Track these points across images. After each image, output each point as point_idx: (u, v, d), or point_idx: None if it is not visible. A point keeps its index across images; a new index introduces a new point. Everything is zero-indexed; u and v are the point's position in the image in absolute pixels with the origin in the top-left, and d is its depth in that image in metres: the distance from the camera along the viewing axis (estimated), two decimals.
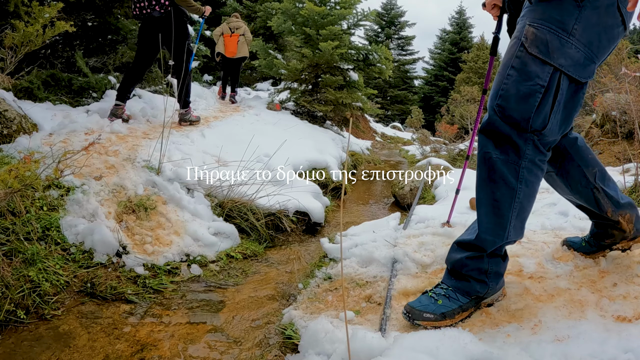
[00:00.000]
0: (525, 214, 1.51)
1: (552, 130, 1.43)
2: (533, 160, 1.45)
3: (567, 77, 1.39)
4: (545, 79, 1.37)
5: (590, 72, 1.42)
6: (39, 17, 3.28)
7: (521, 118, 1.40)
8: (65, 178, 2.58)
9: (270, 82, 12.63)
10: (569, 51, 1.37)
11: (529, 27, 1.41)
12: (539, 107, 1.39)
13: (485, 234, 1.51)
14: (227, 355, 1.64)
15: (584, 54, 1.38)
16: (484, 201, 1.51)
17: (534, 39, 1.39)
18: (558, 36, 1.37)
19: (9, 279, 1.80)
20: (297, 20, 7.15)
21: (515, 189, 1.45)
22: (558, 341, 1.33)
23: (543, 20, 1.39)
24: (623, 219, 1.74)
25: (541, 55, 1.37)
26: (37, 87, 4.28)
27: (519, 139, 1.43)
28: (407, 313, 1.51)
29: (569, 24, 1.36)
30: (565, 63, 1.37)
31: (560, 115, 1.44)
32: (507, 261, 1.62)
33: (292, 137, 5.00)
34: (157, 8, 4.18)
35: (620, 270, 1.75)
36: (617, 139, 4.81)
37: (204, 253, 2.57)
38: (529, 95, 1.38)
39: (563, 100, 1.42)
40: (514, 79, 1.41)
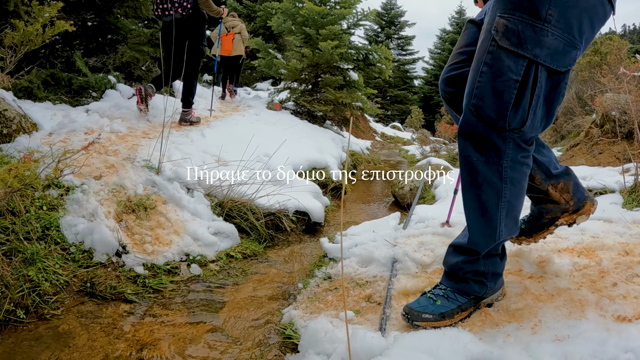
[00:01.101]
0: (515, 211, 1.47)
1: (532, 127, 1.36)
2: (515, 158, 1.39)
3: (544, 68, 1.30)
4: (519, 73, 1.29)
5: (571, 59, 1.32)
6: (38, 16, 3.27)
7: (498, 117, 1.32)
8: (65, 177, 2.57)
9: (270, 81, 12.63)
10: (544, 40, 1.27)
11: (499, 18, 1.32)
12: (516, 104, 1.31)
13: (476, 237, 1.48)
14: (227, 355, 1.63)
15: (563, 41, 1.29)
16: (471, 205, 1.47)
17: (505, 31, 1.29)
18: (531, 25, 1.27)
19: (9, 279, 1.80)
20: (297, 20, 7.15)
21: (500, 189, 1.40)
22: (558, 341, 1.33)
23: (513, 9, 1.29)
24: (554, 188, 1.68)
25: (513, 47, 1.28)
26: (37, 86, 4.28)
27: (498, 139, 1.36)
28: (406, 314, 1.51)
29: (542, 9, 1.26)
30: (541, 53, 1.28)
31: (541, 110, 1.36)
32: (505, 259, 1.59)
33: (292, 137, 5.00)
34: (180, 10, 4.34)
35: (620, 270, 1.75)
36: (617, 138, 4.81)
37: (204, 253, 2.56)
38: (503, 92, 1.30)
39: (543, 93, 1.33)
40: (487, 75, 1.32)
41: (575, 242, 2.11)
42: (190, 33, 4.45)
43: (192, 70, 4.63)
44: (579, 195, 1.72)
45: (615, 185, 2.83)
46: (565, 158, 5.66)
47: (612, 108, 4.80)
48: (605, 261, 1.83)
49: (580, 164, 4.83)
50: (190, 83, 4.72)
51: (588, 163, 4.81)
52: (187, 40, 4.43)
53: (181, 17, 4.36)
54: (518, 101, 1.31)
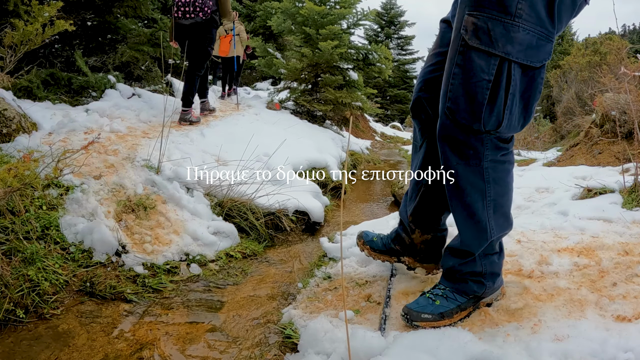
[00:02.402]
0: (503, 208, 1.45)
1: (510, 126, 1.33)
2: (495, 158, 1.37)
3: (518, 65, 1.26)
4: (492, 73, 1.25)
5: (546, 52, 1.28)
6: (38, 16, 3.27)
7: (472, 120, 1.29)
8: (65, 177, 2.57)
9: (269, 81, 12.63)
10: (516, 36, 1.22)
11: (467, 16, 1.27)
12: (490, 105, 1.27)
13: (468, 239, 1.49)
14: (227, 354, 1.63)
15: (536, 35, 1.24)
16: (457, 208, 1.46)
17: (474, 30, 1.25)
18: (500, 21, 1.22)
19: (8, 278, 1.80)
20: (297, 20, 7.14)
21: (484, 190, 1.39)
22: (558, 340, 1.33)
23: (482, 5, 1.24)
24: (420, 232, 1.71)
25: (484, 46, 1.24)
26: (37, 86, 4.28)
27: (476, 142, 1.33)
28: (405, 315, 1.51)
29: (511, 4, 1.21)
30: (512, 50, 1.23)
31: (518, 108, 1.32)
32: (502, 258, 1.58)
33: (291, 137, 5.00)
34: (201, 15, 4.54)
35: (620, 269, 1.75)
36: (617, 138, 4.81)
37: (204, 252, 2.56)
38: (476, 93, 1.26)
39: (518, 91, 1.29)
40: (460, 77, 1.29)
41: (575, 241, 2.11)
42: (205, 36, 4.68)
43: (196, 69, 4.78)
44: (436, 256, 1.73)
45: (615, 185, 2.83)
46: (565, 158, 5.66)
47: (612, 108, 4.81)
48: (605, 261, 1.84)
49: (580, 163, 4.83)
50: (192, 82, 4.81)
51: (588, 163, 4.81)
52: (201, 41, 4.67)
53: (201, 21, 4.57)
54: (492, 102, 1.27)
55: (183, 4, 4.52)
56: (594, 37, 20.21)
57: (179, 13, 4.55)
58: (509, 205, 1.47)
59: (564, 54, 22.20)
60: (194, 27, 4.61)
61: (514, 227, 2.41)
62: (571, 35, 25.27)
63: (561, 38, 24.86)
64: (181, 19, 4.58)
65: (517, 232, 2.36)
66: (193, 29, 4.63)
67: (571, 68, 14.98)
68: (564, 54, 21.55)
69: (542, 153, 8.82)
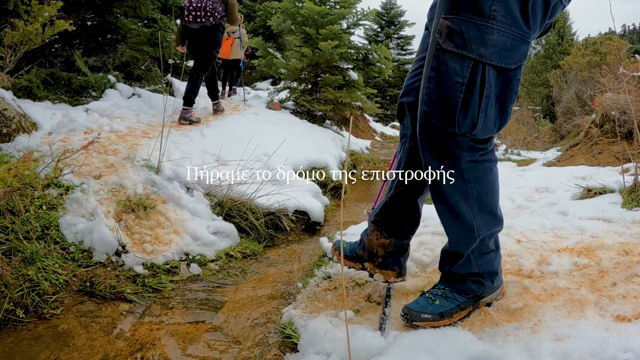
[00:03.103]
0: (488, 206, 1.44)
1: (485, 129, 1.31)
2: (473, 159, 1.37)
3: (492, 67, 1.25)
4: (465, 75, 1.24)
5: (521, 54, 1.27)
6: (38, 15, 3.27)
7: (447, 123, 1.29)
8: (65, 177, 2.57)
9: (269, 81, 12.63)
10: (490, 37, 1.21)
11: (442, 20, 1.27)
12: (464, 108, 1.27)
13: (456, 239, 1.49)
14: (227, 354, 1.63)
15: (511, 36, 1.23)
16: (442, 210, 1.47)
17: (448, 33, 1.25)
18: (474, 23, 1.21)
19: (8, 278, 1.80)
20: (297, 20, 7.14)
21: (465, 190, 1.39)
22: (558, 340, 1.33)
23: (456, 8, 1.24)
24: (377, 235, 1.69)
25: (457, 49, 1.23)
26: (37, 86, 4.28)
27: (452, 145, 1.33)
28: (405, 315, 1.51)
29: (485, 6, 1.20)
30: (486, 52, 1.22)
31: (493, 110, 1.31)
32: (499, 255, 1.57)
33: (291, 137, 5.00)
34: (211, 19, 4.78)
35: (620, 269, 1.75)
36: (617, 138, 4.81)
37: (204, 252, 2.56)
38: (450, 96, 1.26)
39: (493, 93, 1.28)
40: (435, 81, 1.29)
41: (574, 241, 2.11)
42: (212, 40, 4.92)
43: (200, 70, 5.01)
44: (394, 262, 1.71)
45: (615, 185, 2.83)
46: (565, 158, 5.66)
47: (612, 108, 4.81)
48: (605, 261, 1.84)
49: (580, 163, 4.84)
50: (195, 82, 5.00)
51: (588, 163, 4.81)
52: (208, 45, 4.93)
53: (210, 25, 4.80)
54: (467, 104, 1.27)
55: (194, 8, 4.71)
56: (593, 37, 20.20)
57: (189, 17, 4.73)
58: (494, 203, 1.47)
59: (564, 54, 22.20)
60: (203, 30, 4.82)
61: (514, 227, 2.41)
62: (571, 35, 25.25)
63: (561, 38, 24.86)
64: (191, 23, 4.76)
65: (517, 232, 2.36)
66: (202, 32, 4.83)
67: (571, 68, 14.98)
68: (564, 54, 21.56)
69: (542, 153, 8.82)
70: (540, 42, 26.06)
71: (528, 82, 25.03)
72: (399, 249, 1.71)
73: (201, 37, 4.88)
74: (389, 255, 1.70)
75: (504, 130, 12.19)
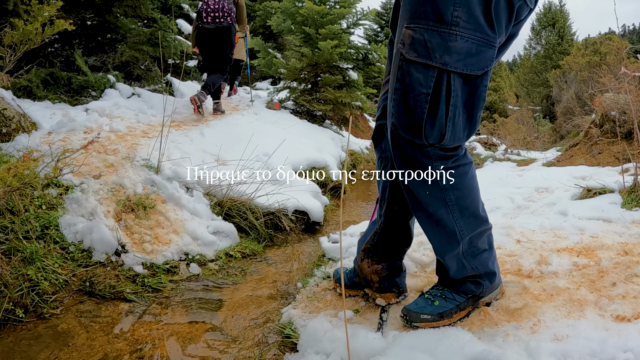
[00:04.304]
0: (469, 210, 1.42)
1: (454, 138, 1.29)
2: (446, 166, 1.35)
3: (458, 75, 1.22)
4: (430, 85, 1.22)
5: (488, 59, 1.23)
6: (38, 15, 3.26)
7: (415, 135, 1.28)
8: (64, 177, 2.57)
9: (269, 81, 12.63)
10: (454, 45, 1.18)
11: (405, 30, 1.24)
12: (431, 118, 1.25)
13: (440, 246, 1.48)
14: (226, 354, 1.63)
15: (476, 42, 1.20)
16: (422, 219, 1.46)
17: (411, 43, 1.22)
18: (437, 31, 1.19)
19: (8, 278, 1.80)
20: (297, 19, 7.14)
21: (443, 198, 1.38)
22: (557, 340, 1.33)
23: (418, 17, 1.21)
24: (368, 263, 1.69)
25: (421, 58, 1.21)
26: (36, 85, 4.28)
27: (422, 156, 1.32)
28: (404, 316, 1.51)
29: (447, 13, 1.17)
30: (450, 60, 1.19)
31: (461, 119, 1.28)
32: (493, 254, 1.56)
33: (291, 136, 5.00)
34: (229, 19, 5.19)
35: (620, 269, 1.75)
36: (617, 138, 4.82)
37: (203, 252, 2.56)
38: (415, 108, 1.24)
39: (460, 101, 1.26)
40: (400, 92, 1.27)
41: (574, 241, 2.11)
42: (228, 40, 5.31)
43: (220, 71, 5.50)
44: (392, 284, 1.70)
45: (615, 185, 2.83)
46: (565, 158, 5.66)
47: (612, 108, 4.81)
48: (605, 261, 1.84)
49: (579, 163, 4.84)
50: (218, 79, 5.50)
51: (587, 163, 4.82)
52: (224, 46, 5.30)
53: (227, 25, 5.19)
54: (433, 115, 1.25)
55: (213, 9, 5.07)
56: (593, 37, 20.21)
57: (208, 18, 5.08)
58: (475, 205, 1.45)
59: (563, 54, 22.20)
60: (220, 31, 5.18)
61: (514, 227, 2.42)
62: (571, 36, 25.25)
63: (561, 38, 24.86)
64: (209, 24, 5.11)
65: (516, 232, 2.36)
66: (218, 33, 5.19)
67: (571, 68, 14.98)
68: (564, 54, 21.56)
69: (541, 153, 8.82)
70: (540, 42, 26.06)
71: (528, 82, 25.03)
72: (392, 272, 1.70)
73: (217, 37, 5.19)
74: (384, 279, 1.69)
75: (504, 130, 12.19)
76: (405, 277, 1.77)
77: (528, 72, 25.34)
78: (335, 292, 1.92)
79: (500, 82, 23.41)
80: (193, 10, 8.84)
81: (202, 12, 5.13)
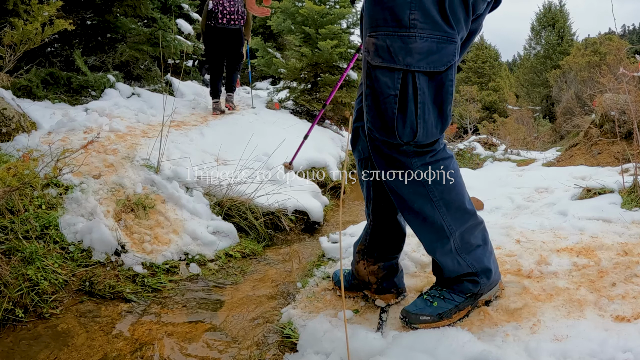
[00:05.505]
0: (455, 203, 1.44)
1: (427, 134, 1.33)
2: (424, 162, 1.38)
3: (422, 74, 1.27)
4: (397, 87, 1.27)
5: (449, 54, 1.28)
6: (38, 15, 3.26)
7: (389, 135, 1.33)
8: (64, 176, 2.57)
9: (269, 81, 12.63)
10: (414, 46, 1.24)
11: (369, 38, 1.31)
12: (402, 118, 1.30)
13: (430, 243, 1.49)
14: (226, 354, 1.63)
15: (435, 40, 1.25)
16: (410, 217, 1.48)
17: (375, 50, 1.29)
18: (397, 36, 1.25)
19: (7, 278, 1.80)
20: (297, 19, 7.14)
21: (426, 194, 1.40)
22: (557, 340, 1.33)
23: (379, 25, 1.27)
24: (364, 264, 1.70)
25: (385, 63, 1.27)
26: (36, 85, 4.28)
27: (399, 154, 1.36)
28: (403, 317, 1.51)
29: (404, 17, 1.23)
30: (412, 61, 1.25)
31: (432, 115, 1.33)
32: (488, 249, 1.55)
33: (291, 136, 4.99)
34: (242, 22, 5.83)
35: (619, 269, 1.75)
36: (616, 139, 4.82)
37: (203, 252, 2.56)
38: (386, 109, 1.30)
39: (428, 98, 1.30)
40: (371, 97, 1.33)
41: (574, 241, 2.11)
42: (241, 41, 5.93)
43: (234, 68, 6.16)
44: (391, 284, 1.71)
45: (614, 185, 2.83)
46: (565, 158, 5.66)
47: (612, 108, 4.81)
48: (604, 261, 1.84)
49: (579, 164, 4.84)
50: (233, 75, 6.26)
51: (587, 163, 4.82)
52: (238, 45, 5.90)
53: (240, 27, 5.81)
54: (403, 114, 1.30)
55: (229, 12, 5.64)
56: (593, 37, 20.21)
57: (224, 20, 5.63)
58: (460, 199, 1.46)
59: (563, 54, 22.20)
60: (235, 32, 5.79)
61: (513, 227, 2.42)
62: (571, 36, 25.25)
63: (561, 38, 24.87)
64: (227, 25, 5.67)
65: (516, 232, 2.36)
66: (235, 34, 5.79)
67: (571, 68, 14.98)
68: (564, 54, 21.56)
69: (541, 153, 8.83)
70: (540, 42, 26.06)
71: (528, 82, 25.03)
72: (389, 271, 1.70)
73: (234, 38, 5.78)
74: (382, 280, 1.70)
75: (504, 130, 12.19)
76: (403, 277, 1.77)
77: (528, 72, 25.34)
78: (335, 292, 1.92)
79: (500, 82, 23.41)
80: (193, 10, 8.83)
81: (217, 12, 5.59)
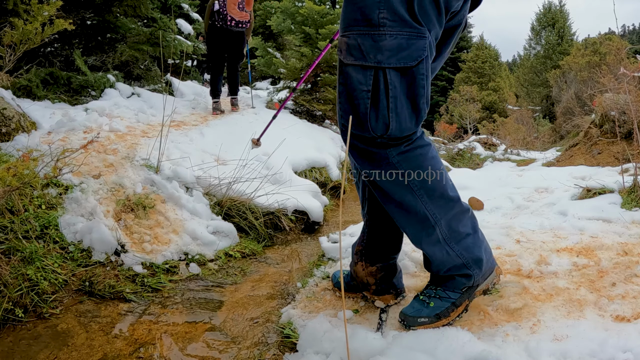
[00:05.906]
0: (437, 191, 1.44)
1: (400, 128, 1.35)
2: (400, 151, 1.39)
3: (392, 70, 1.30)
4: (369, 83, 1.31)
5: (420, 49, 1.30)
6: (38, 15, 3.26)
7: (363, 130, 1.36)
8: (64, 176, 2.57)
9: (269, 81, 12.64)
10: (384, 44, 1.28)
11: (341, 38, 1.36)
12: (374, 113, 1.33)
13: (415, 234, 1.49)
14: (226, 354, 1.63)
15: (405, 36, 1.28)
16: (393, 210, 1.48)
17: (347, 49, 1.33)
18: (368, 35, 1.29)
19: (7, 278, 1.80)
20: (297, 19, 7.14)
21: (407, 183, 1.41)
22: (557, 340, 1.33)
23: (351, 25, 1.32)
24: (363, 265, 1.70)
25: (357, 61, 1.31)
26: (36, 85, 4.28)
27: (375, 148, 1.39)
28: (402, 320, 1.51)
29: (373, 16, 1.28)
30: (382, 58, 1.29)
31: (405, 109, 1.35)
32: (478, 238, 1.54)
33: (291, 136, 4.99)
34: (248, 24, 6.01)
35: (619, 269, 1.75)
36: (616, 139, 4.82)
37: (203, 252, 2.56)
38: (358, 105, 1.34)
39: (401, 92, 1.33)
40: (344, 94, 1.37)
41: (574, 241, 2.11)
42: (244, 42, 6.08)
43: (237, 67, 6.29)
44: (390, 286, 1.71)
45: (614, 185, 2.83)
46: (565, 158, 5.66)
47: (612, 108, 4.81)
48: (604, 261, 1.84)
49: (579, 163, 4.84)
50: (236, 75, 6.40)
51: (587, 163, 4.82)
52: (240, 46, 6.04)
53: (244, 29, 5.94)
54: (376, 109, 1.33)
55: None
56: (593, 37, 20.21)
57: (232, 22, 5.73)
58: (442, 185, 1.45)
59: (563, 54, 22.20)
60: (240, 34, 5.93)
61: (513, 227, 2.42)
62: (571, 36, 25.24)
63: (561, 38, 24.87)
64: (234, 27, 5.78)
65: (516, 231, 2.36)
66: (239, 35, 5.92)
67: (571, 68, 14.98)
68: (564, 54, 21.56)
69: (541, 153, 8.83)
70: (540, 42, 26.06)
71: (528, 82, 25.03)
72: (388, 272, 1.70)
73: (237, 39, 5.91)
74: (380, 281, 1.70)
75: (504, 130, 12.19)
76: (402, 277, 1.77)
77: (528, 72, 25.34)
78: (335, 293, 1.92)
79: (500, 82, 23.42)
80: (193, 10, 8.83)
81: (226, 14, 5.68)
